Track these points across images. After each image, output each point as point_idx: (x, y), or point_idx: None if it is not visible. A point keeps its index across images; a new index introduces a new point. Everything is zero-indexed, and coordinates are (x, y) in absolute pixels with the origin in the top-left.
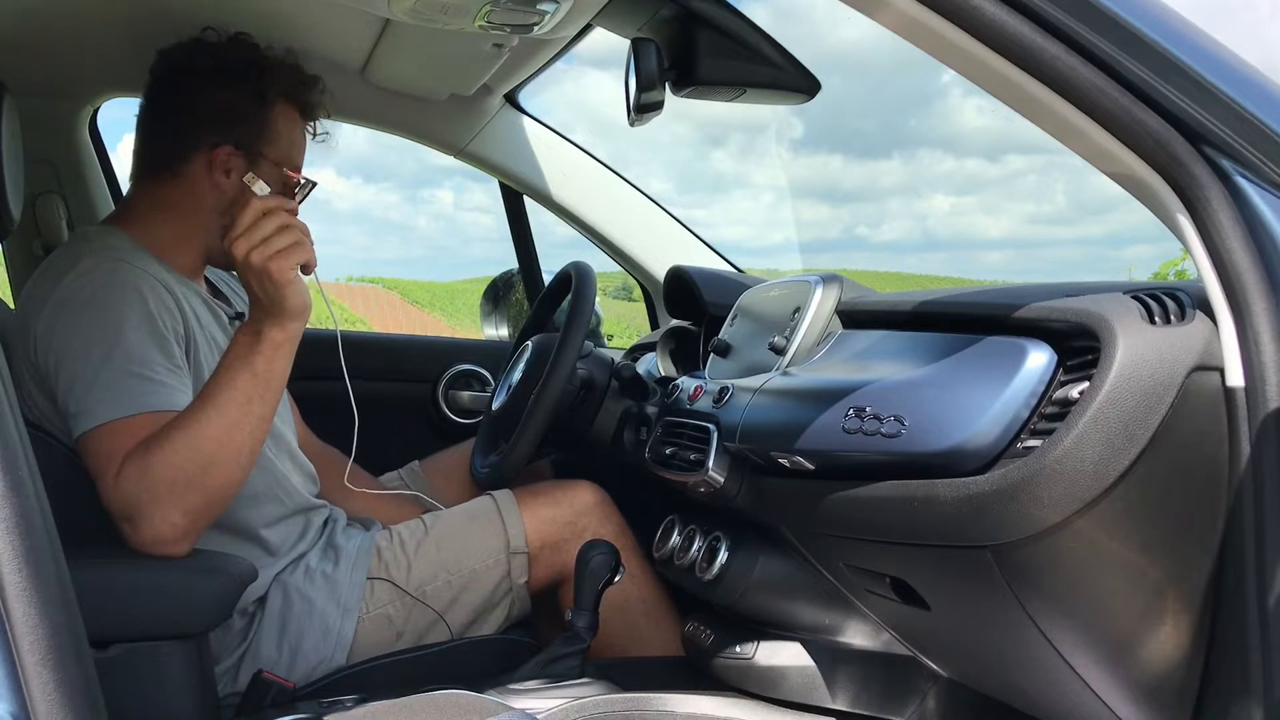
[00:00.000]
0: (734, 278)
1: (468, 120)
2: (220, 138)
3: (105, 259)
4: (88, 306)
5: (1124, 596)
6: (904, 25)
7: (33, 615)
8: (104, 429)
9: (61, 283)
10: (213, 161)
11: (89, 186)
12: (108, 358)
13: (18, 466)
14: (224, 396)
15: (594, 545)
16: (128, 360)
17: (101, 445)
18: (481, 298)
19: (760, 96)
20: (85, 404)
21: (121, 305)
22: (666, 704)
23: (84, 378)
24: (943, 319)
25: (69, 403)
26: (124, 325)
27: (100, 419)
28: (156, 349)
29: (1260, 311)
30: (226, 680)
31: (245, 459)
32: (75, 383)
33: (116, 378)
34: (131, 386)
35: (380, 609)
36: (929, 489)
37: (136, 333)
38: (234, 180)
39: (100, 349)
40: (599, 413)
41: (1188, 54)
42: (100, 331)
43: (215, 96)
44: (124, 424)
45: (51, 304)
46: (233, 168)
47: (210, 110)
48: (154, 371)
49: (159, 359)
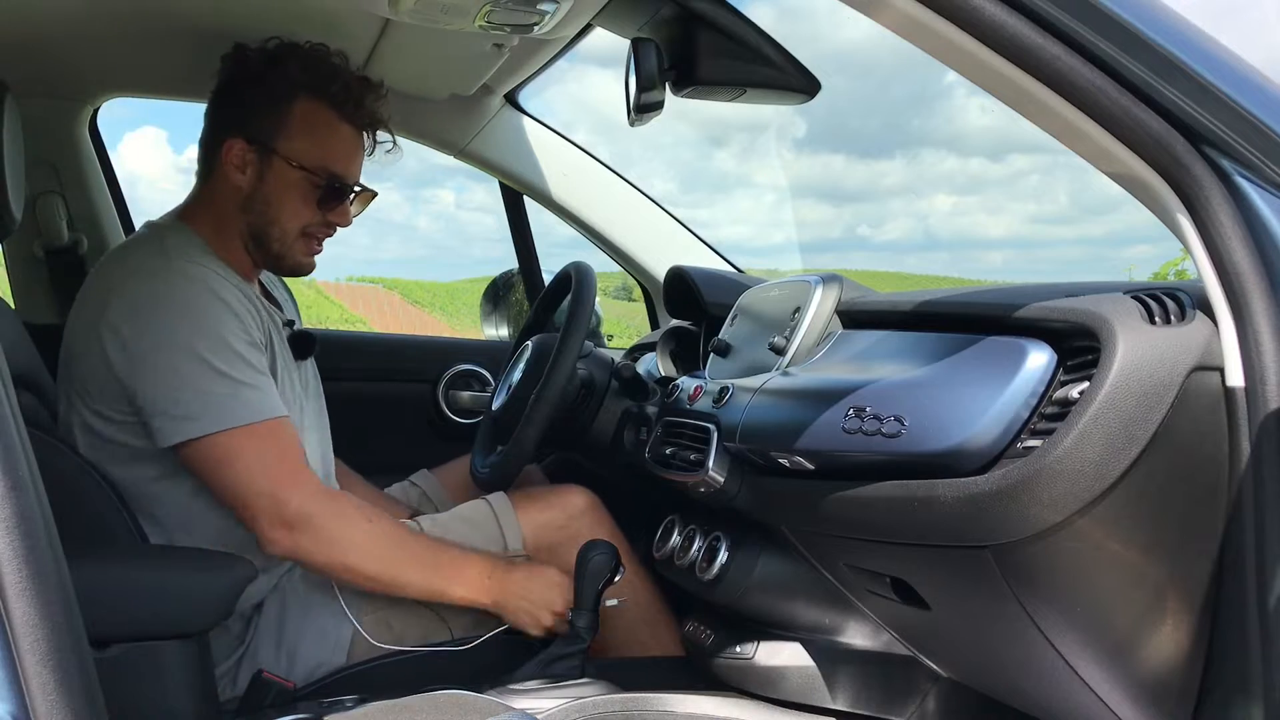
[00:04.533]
0: (734, 278)
1: (468, 120)
2: (233, 132)
3: (189, 263)
4: (175, 316)
5: (1124, 597)
6: (904, 25)
7: (33, 615)
8: (222, 437)
9: (136, 286)
10: (228, 157)
11: (89, 186)
12: (210, 366)
13: (18, 466)
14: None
15: (594, 545)
16: (231, 369)
17: (221, 452)
18: (481, 298)
19: (760, 96)
20: (194, 412)
21: (210, 312)
22: (666, 704)
23: (187, 387)
24: (943, 319)
25: (169, 409)
26: (218, 333)
27: (214, 427)
28: (252, 355)
29: (1260, 311)
30: (225, 683)
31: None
32: (175, 391)
33: (223, 386)
34: (240, 393)
35: (377, 611)
36: (929, 489)
37: (232, 340)
38: (250, 176)
39: (199, 358)
40: (599, 413)
41: (1188, 54)
42: (195, 341)
43: (233, 93)
44: (245, 431)
45: (131, 310)
46: (248, 163)
47: (228, 106)
48: (255, 379)
49: (255, 362)
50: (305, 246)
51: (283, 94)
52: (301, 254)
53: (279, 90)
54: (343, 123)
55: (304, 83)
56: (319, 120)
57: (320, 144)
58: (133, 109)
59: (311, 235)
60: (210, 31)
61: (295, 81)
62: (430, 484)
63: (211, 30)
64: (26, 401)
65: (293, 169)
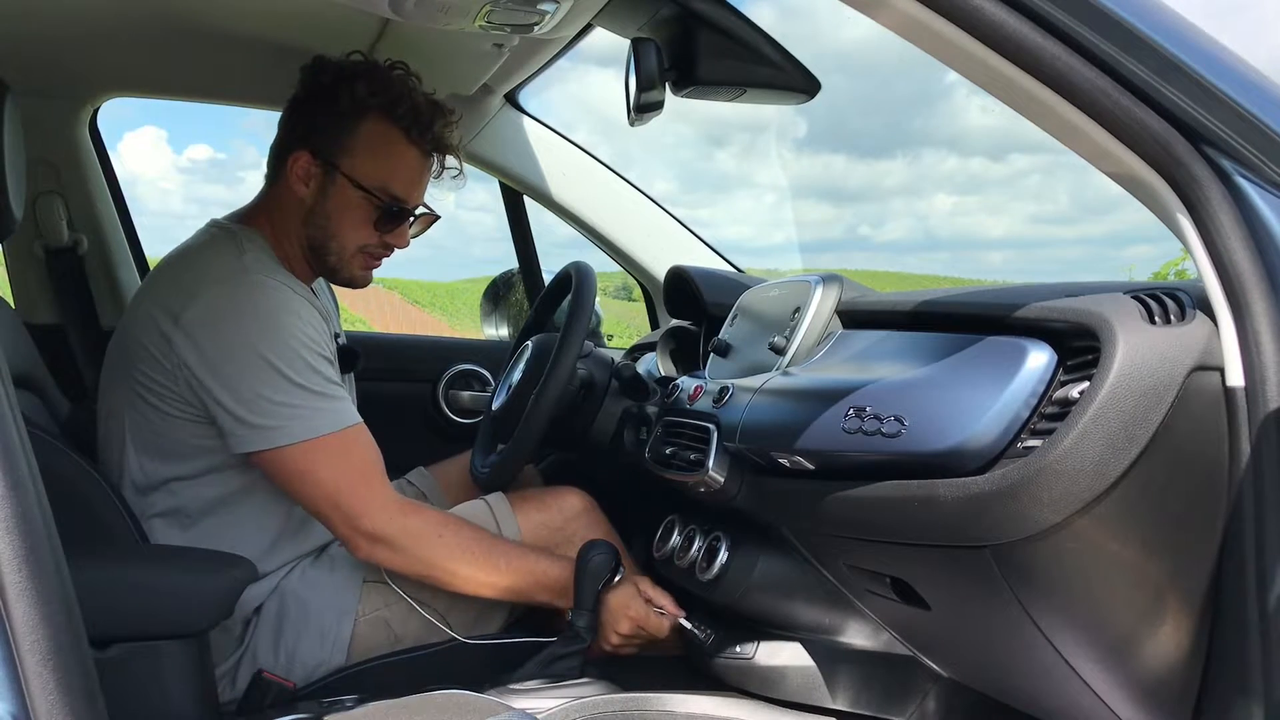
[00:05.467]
0: (734, 277)
1: (468, 120)
2: (300, 145)
3: (264, 274)
4: (251, 325)
5: (1124, 596)
6: (904, 26)
7: (33, 615)
8: (302, 448)
9: (211, 293)
10: (294, 168)
11: (89, 186)
12: (285, 377)
13: (18, 466)
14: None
15: (594, 545)
16: (308, 379)
17: (303, 463)
18: (481, 298)
19: (760, 96)
20: (275, 423)
21: (290, 324)
22: (666, 704)
23: (266, 396)
24: (943, 319)
25: (248, 418)
26: (293, 343)
27: (296, 438)
28: (325, 364)
29: (1260, 311)
30: (225, 683)
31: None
32: (254, 400)
33: (303, 398)
34: (321, 404)
35: (376, 612)
36: (929, 489)
37: (307, 350)
38: (313, 189)
39: (276, 368)
40: (599, 413)
41: (1188, 54)
42: (272, 350)
43: (305, 105)
44: (323, 442)
45: (206, 315)
46: (311, 176)
47: (298, 118)
48: (331, 389)
49: (329, 372)
50: (362, 262)
51: (351, 111)
52: (358, 269)
53: (348, 107)
54: (409, 145)
55: (374, 102)
56: (385, 141)
57: (384, 165)
58: (133, 109)
59: (369, 253)
60: (210, 31)
61: (365, 100)
62: (427, 482)
63: (211, 30)
64: (26, 401)
65: (354, 188)
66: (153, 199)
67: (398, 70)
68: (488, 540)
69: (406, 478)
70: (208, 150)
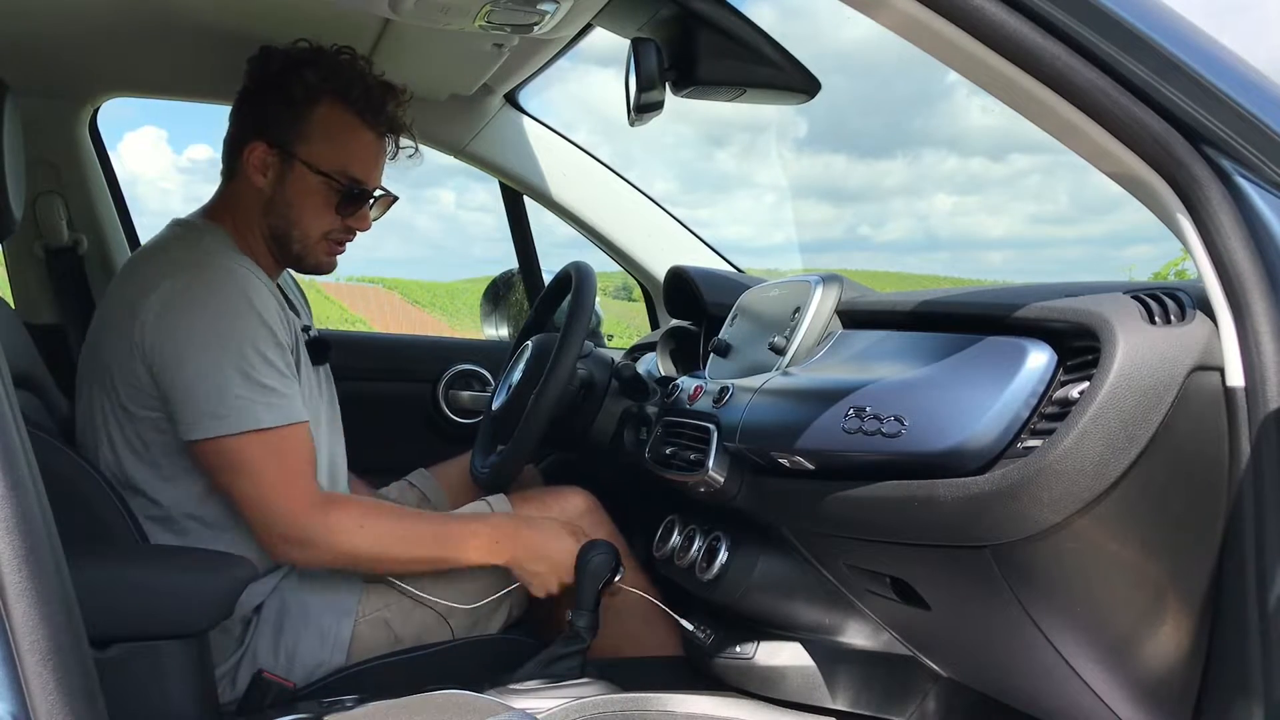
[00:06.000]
0: (734, 277)
1: (468, 120)
2: (255, 135)
3: (214, 261)
4: (207, 314)
5: (1124, 596)
6: (904, 25)
7: (33, 615)
8: (240, 440)
9: (168, 285)
10: (250, 160)
11: (89, 186)
12: (237, 367)
13: (18, 466)
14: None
15: (594, 545)
16: (256, 371)
17: (237, 454)
18: (481, 298)
19: (760, 96)
20: (216, 411)
21: (241, 313)
22: (666, 704)
23: (213, 385)
24: (943, 319)
25: (193, 406)
26: (247, 333)
27: (234, 429)
28: (278, 357)
29: (1260, 311)
30: (225, 683)
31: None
32: (200, 389)
33: (247, 388)
34: (264, 398)
35: (376, 613)
36: (929, 489)
37: (260, 341)
38: (271, 179)
39: (228, 357)
40: (599, 413)
41: (1188, 54)
42: (224, 340)
43: (256, 96)
44: (260, 436)
45: (164, 307)
46: (269, 166)
47: (250, 109)
48: (281, 382)
49: (281, 367)
50: (326, 248)
51: (304, 98)
52: (323, 255)
53: (300, 94)
54: (364, 127)
55: (325, 87)
56: (340, 125)
57: (341, 149)
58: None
59: (332, 239)
60: (210, 31)
61: (316, 85)
62: (429, 484)
63: (211, 30)
64: (26, 401)
65: (313, 173)
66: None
67: (345, 55)
68: (409, 519)
69: (408, 479)
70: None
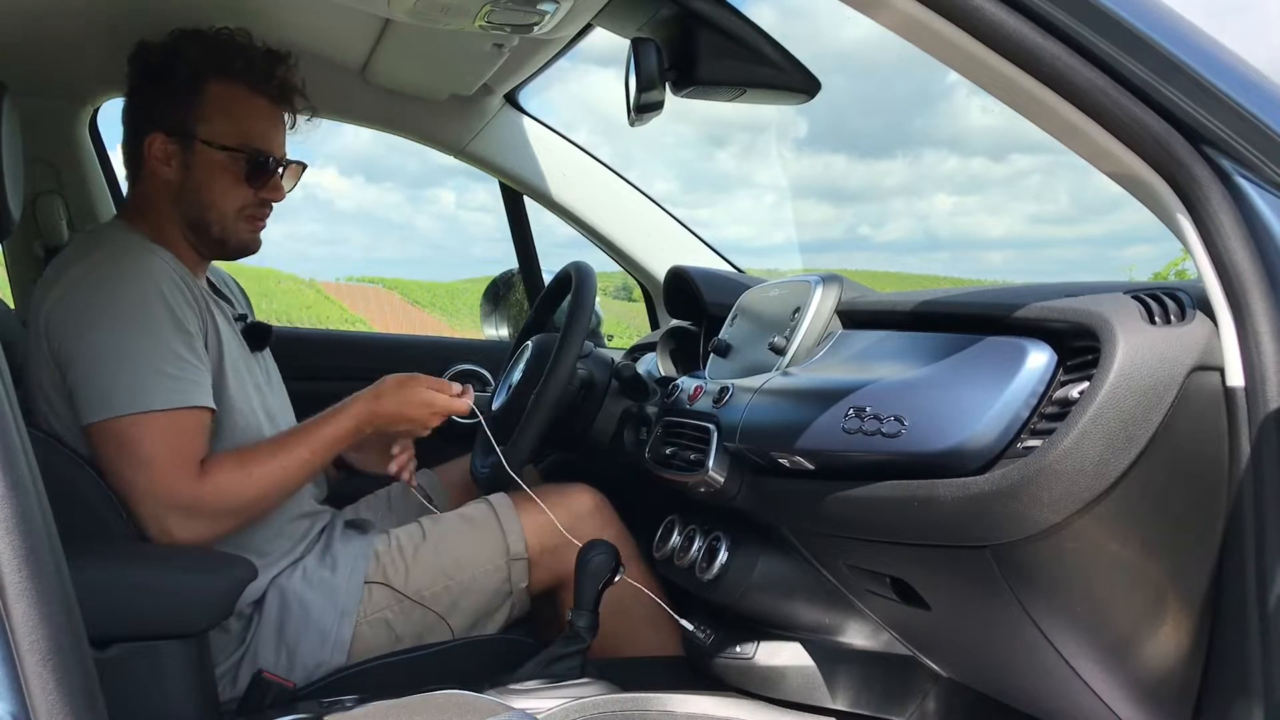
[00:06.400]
0: (734, 278)
1: (468, 120)
2: (151, 128)
3: (119, 250)
4: (108, 296)
5: (1124, 596)
6: (904, 25)
7: (33, 615)
8: (128, 420)
9: (72, 272)
10: (151, 153)
11: (89, 186)
12: (134, 349)
13: (18, 466)
14: (320, 451)
15: (594, 545)
16: (153, 354)
17: (125, 435)
18: (481, 298)
19: (760, 96)
20: (108, 393)
21: (141, 297)
22: (666, 704)
23: (107, 367)
24: (943, 319)
25: (88, 388)
26: (147, 317)
27: (124, 410)
28: (180, 342)
29: (1260, 311)
30: (225, 683)
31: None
32: (96, 371)
33: (141, 371)
34: (158, 381)
35: (378, 613)
36: (929, 489)
37: (160, 325)
38: (176, 167)
39: (125, 340)
40: (599, 413)
41: (1188, 54)
42: (122, 322)
43: (143, 90)
44: (151, 418)
45: (66, 292)
46: (171, 155)
47: (141, 104)
48: (178, 366)
49: (183, 351)
50: (247, 225)
51: (190, 80)
52: (245, 232)
53: (185, 78)
54: (256, 97)
55: (210, 66)
56: (232, 99)
57: (237, 122)
58: None
59: (249, 213)
60: None
61: (200, 66)
62: (432, 483)
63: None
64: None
65: (216, 151)
66: None
67: (224, 32)
68: (280, 448)
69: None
70: None
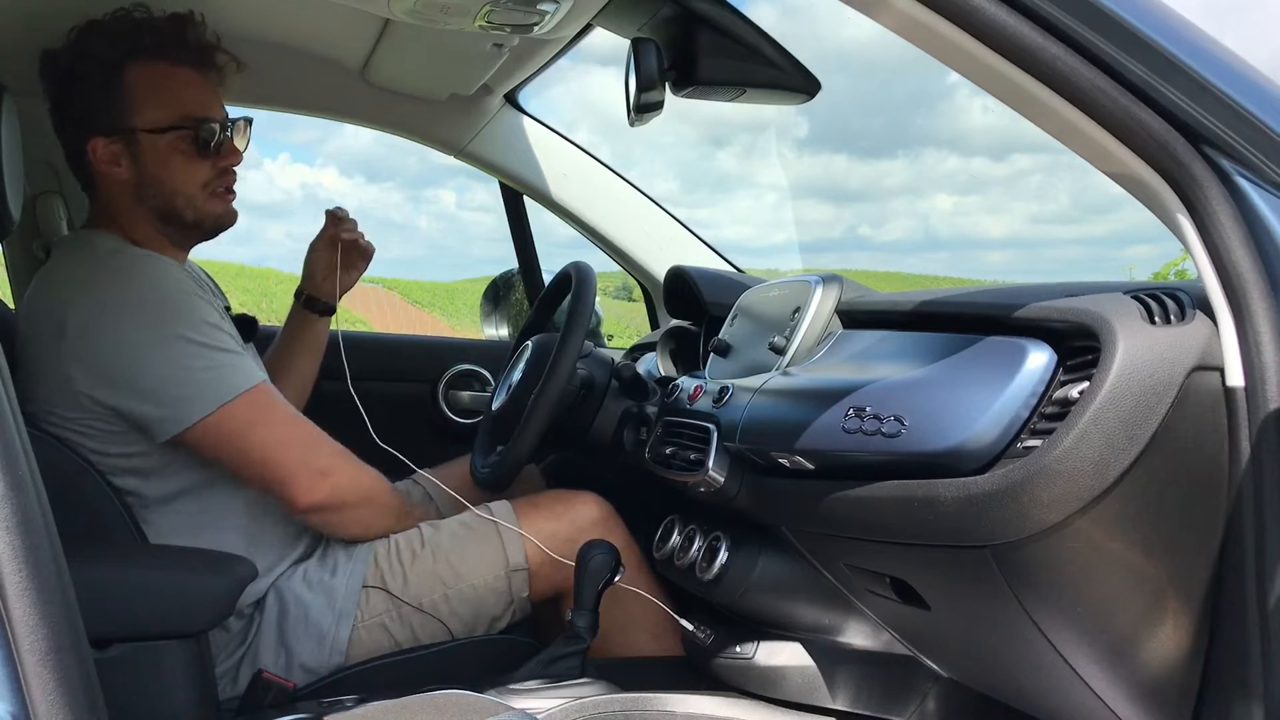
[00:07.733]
0: (734, 277)
1: (468, 120)
2: (87, 135)
3: (126, 259)
4: (131, 313)
5: (1124, 596)
6: (904, 26)
7: (33, 615)
8: (233, 406)
9: (86, 298)
10: (97, 159)
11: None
12: (185, 349)
13: (18, 466)
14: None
15: (594, 545)
16: (209, 341)
17: (225, 426)
18: (481, 298)
19: (760, 96)
20: (186, 395)
21: (169, 298)
22: (666, 704)
23: (170, 374)
24: (943, 319)
25: (157, 403)
26: (180, 314)
27: (228, 397)
28: (224, 326)
29: (1260, 311)
30: (225, 683)
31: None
32: (159, 385)
33: (206, 361)
34: (228, 363)
35: (376, 617)
36: (929, 489)
37: (198, 316)
38: (126, 165)
39: (174, 345)
40: (599, 413)
41: (1188, 54)
42: (160, 329)
43: (64, 100)
44: (250, 394)
45: (83, 319)
46: (117, 154)
47: (67, 114)
48: (233, 346)
49: (227, 338)
50: (216, 201)
51: (106, 75)
52: (216, 208)
53: (100, 73)
54: (176, 67)
55: (120, 54)
56: (155, 78)
57: (169, 99)
58: None
59: (214, 187)
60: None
61: (110, 57)
62: (433, 483)
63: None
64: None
65: (159, 135)
66: None
67: (119, 12)
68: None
69: (412, 478)
70: None
